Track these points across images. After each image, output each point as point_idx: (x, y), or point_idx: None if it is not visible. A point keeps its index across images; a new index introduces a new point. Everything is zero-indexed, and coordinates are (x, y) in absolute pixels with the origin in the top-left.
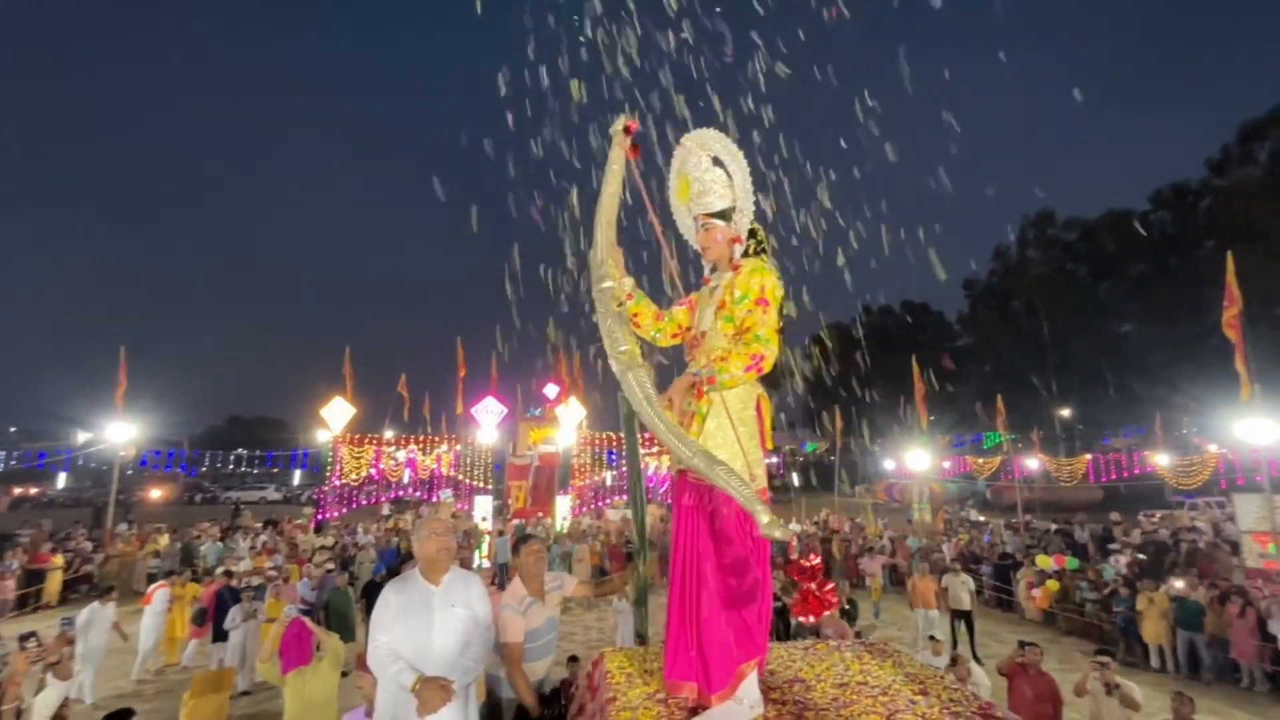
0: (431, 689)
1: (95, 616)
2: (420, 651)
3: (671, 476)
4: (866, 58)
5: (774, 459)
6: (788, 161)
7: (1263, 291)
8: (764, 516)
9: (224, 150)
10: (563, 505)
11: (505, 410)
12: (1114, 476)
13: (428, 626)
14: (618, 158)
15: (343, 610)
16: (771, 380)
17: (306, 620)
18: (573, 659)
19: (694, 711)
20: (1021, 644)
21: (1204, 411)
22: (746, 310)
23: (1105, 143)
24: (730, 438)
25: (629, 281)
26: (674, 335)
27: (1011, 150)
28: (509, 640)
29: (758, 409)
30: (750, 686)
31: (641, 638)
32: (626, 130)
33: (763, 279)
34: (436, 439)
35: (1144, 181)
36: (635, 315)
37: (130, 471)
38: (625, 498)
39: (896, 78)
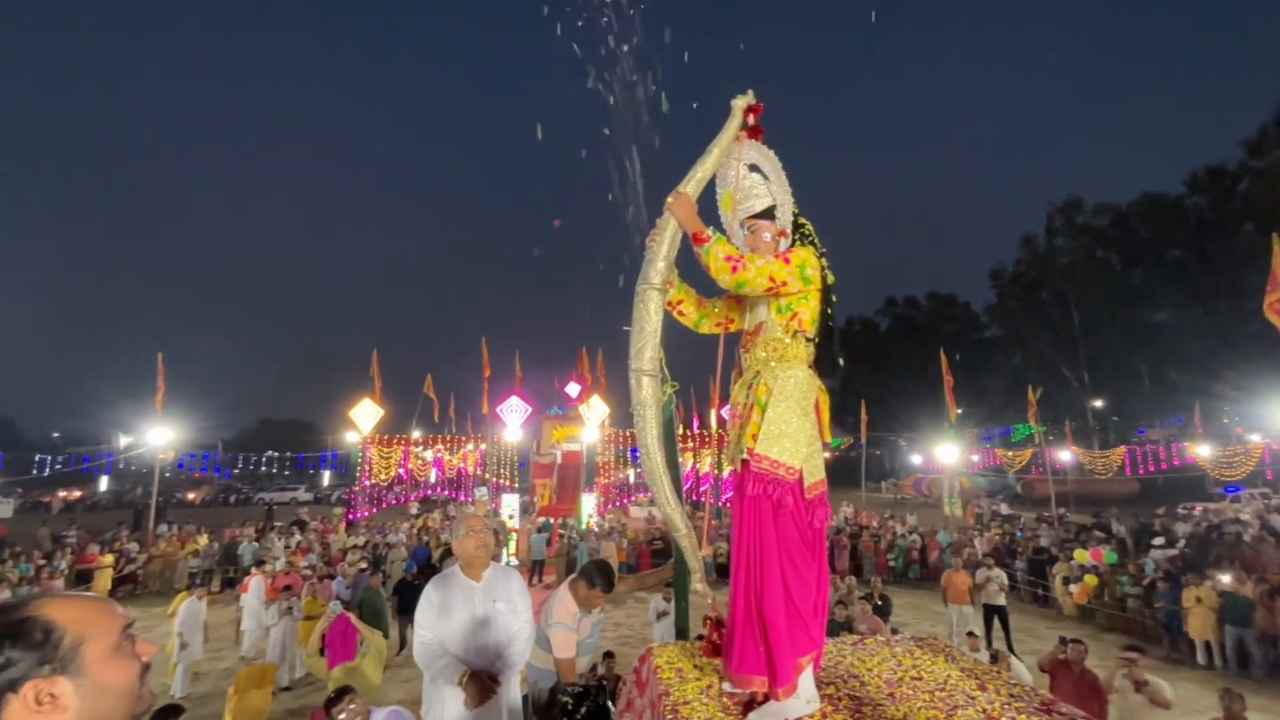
0: (478, 683)
1: (191, 610)
2: (464, 646)
3: (734, 469)
4: (891, 45)
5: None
6: (817, 155)
7: None
8: (697, 584)
9: (252, 159)
10: (588, 503)
11: (529, 409)
12: (1151, 468)
13: (470, 621)
14: (727, 139)
15: (377, 608)
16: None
17: (351, 617)
18: (608, 655)
19: (749, 706)
20: (1063, 640)
21: (1246, 400)
22: (766, 260)
23: (1135, 127)
24: (791, 428)
25: (672, 272)
26: (717, 324)
27: (1038, 137)
28: (562, 656)
29: (816, 403)
30: (807, 681)
31: (683, 634)
32: (750, 110)
33: (804, 256)
34: (462, 438)
35: (1177, 165)
36: (679, 303)
37: (168, 474)
38: (650, 495)
39: (918, 63)
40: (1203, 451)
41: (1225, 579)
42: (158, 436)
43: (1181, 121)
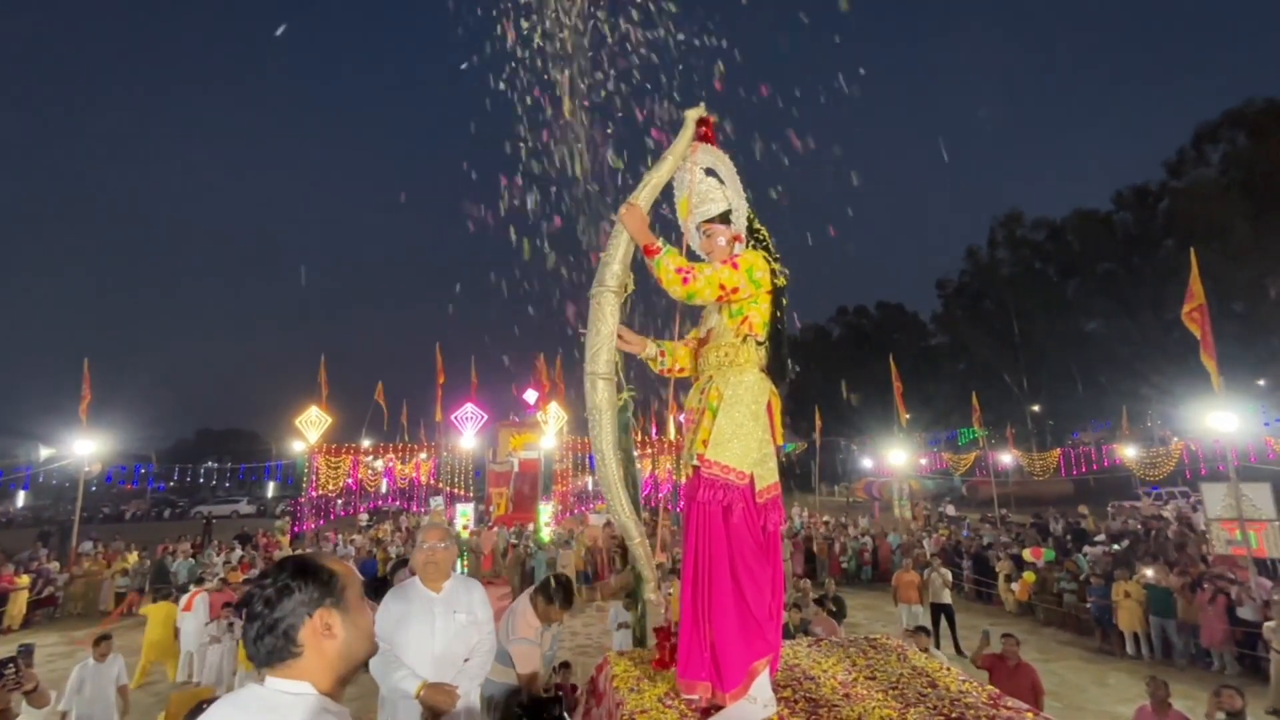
0: (437, 695)
1: (89, 677)
2: (423, 658)
3: (687, 475)
4: (834, 61)
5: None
6: (765, 164)
7: (1220, 289)
8: (650, 594)
9: (191, 154)
10: (545, 511)
11: (485, 416)
12: (1084, 470)
13: (430, 633)
14: (680, 148)
15: None
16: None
17: None
18: (564, 665)
19: (707, 713)
20: (986, 634)
21: (1167, 403)
22: (715, 268)
23: (1071, 144)
24: (742, 430)
25: (652, 346)
26: None
27: (981, 152)
28: (526, 671)
29: (768, 406)
30: (763, 684)
31: (640, 642)
32: (701, 122)
33: (751, 259)
34: (415, 447)
35: (1106, 184)
36: (675, 363)
37: (95, 488)
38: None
39: (867, 82)
40: (1129, 453)
41: (1149, 573)
42: (82, 447)
43: (1110, 143)
